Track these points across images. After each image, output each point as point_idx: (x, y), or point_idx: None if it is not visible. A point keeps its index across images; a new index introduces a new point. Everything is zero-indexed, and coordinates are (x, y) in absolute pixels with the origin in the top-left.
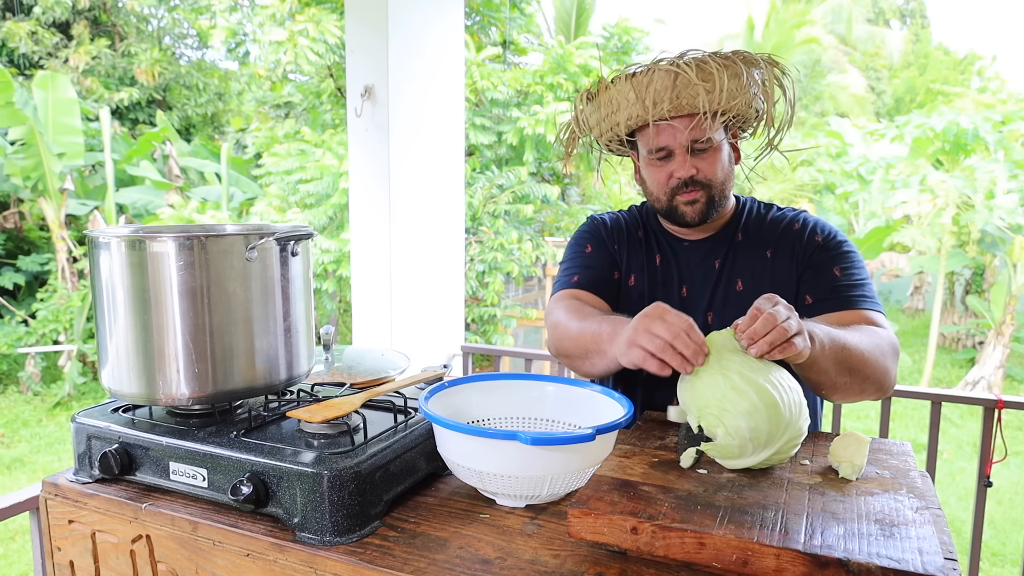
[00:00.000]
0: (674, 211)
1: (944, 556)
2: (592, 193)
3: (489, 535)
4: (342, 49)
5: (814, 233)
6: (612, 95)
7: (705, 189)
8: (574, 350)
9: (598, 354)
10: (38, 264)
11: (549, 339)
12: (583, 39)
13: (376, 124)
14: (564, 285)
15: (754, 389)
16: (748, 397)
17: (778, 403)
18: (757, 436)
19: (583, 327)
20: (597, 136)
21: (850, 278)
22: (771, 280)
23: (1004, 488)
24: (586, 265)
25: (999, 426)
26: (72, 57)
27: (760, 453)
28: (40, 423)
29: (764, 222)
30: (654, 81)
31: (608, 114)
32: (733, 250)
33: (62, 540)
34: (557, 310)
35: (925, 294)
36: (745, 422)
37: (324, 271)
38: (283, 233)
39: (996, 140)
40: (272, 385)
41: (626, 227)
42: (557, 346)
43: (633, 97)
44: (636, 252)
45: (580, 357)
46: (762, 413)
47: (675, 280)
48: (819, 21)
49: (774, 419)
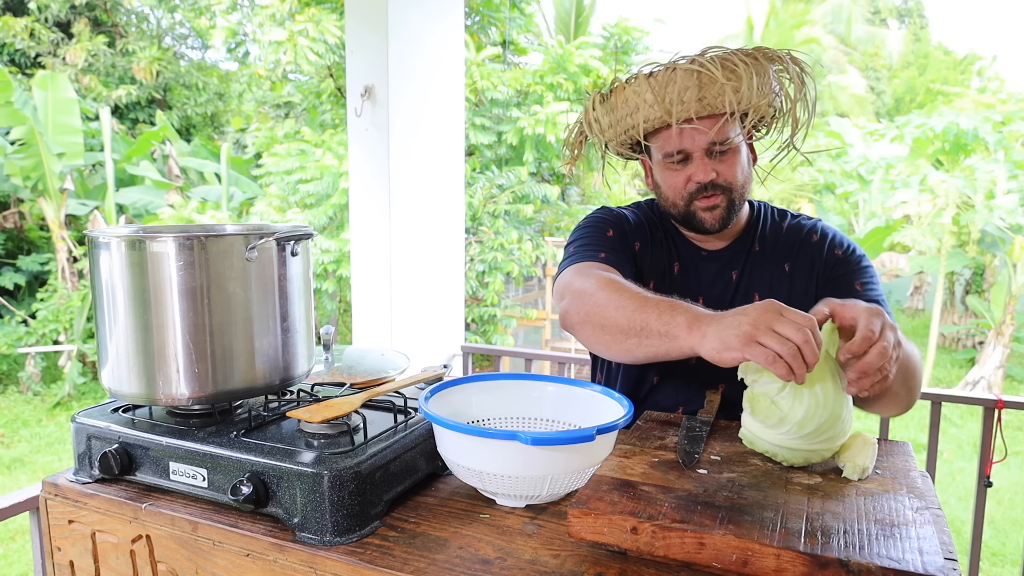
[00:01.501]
0: (692, 217)
1: (944, 556)
2: (592, 193)
3: (489, 535)
4: (342, 49)
5: (833, 246)
6: (628, 96)
7: (725, 193)
8: (624, 324)
9: (662, 337)
10: (38, 264)
11: (572, 303)
12: (583, 39)
13: (376, 124)
14: (588, 258)
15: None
16: (816, 396)
17: (842, 416)
18: (804, 424)
19: (642, 302)
20: (608, 139)
21: (870, 294)
22: (789, 294)
23: (1004, 488)
24: (612, 247)
25: (999, 426)
26: (70, 54)
27: (791, 438)
28: (40, 423)
29: (781, 232)
30: (676, 80)
31: (623, 116)
32: (751, 262)
33: (62, 540)
34: (590, 278)
35: (925, 294)
36: (803, 409)
37: (324, 271)
38: (283, 233)
39: (996, 140)
40: (272, 385)
41: (647, 226)
42: (590, 310)
43: (651, 98)
44: (658, 255)
45: (628, 334)
46: (823, 413)
47: (692, 290)
48: (819, 21)
49: (828, 421)
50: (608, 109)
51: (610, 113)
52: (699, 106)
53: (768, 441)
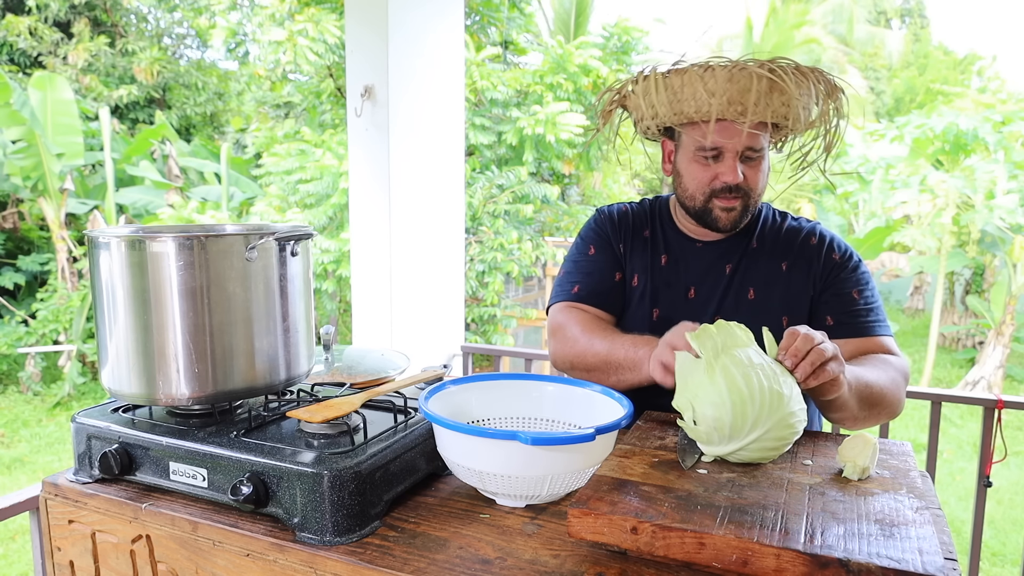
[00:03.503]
0: (708, 213)
1: (944, 556)
2: (592, 193)
3: (489, 535)
4: (342, 49)
5: (831, 251)
6: (684, 82)
7: (744, 197)
8: (602, 365)
9: (631, 370)
10: (38, 264)
11: (559, 350)
12: (583, 39)
13: (376, 124)
14: (565, 295)
15: (727, 382)
16: (718, 388)
17: (745, 399)
18: (721, 427)
19: (612, 346)
20: (640, 116)
21: (867, 301)
22: (784, 293)
23: (1004, 488)
24: (588, 272)
25: (999, 426)
26: (71, 54)
27: (728, 444)
28: (40, 423)
29: (780, 232)
30: (739, 81)
31: (672, 100)
32: (747, 257)
33: (62, 540)
34: (569, 325)
35: (925, 294)
36: (711, 411)
37: (324, 271)
38: (283, 233)
39: (996, 140)
40: (272, 385)
41: (633, 224)
42: (574, 360)
43: (703, 91)
44: (641, 252)
45: (608, 372)
46: (727, 406)
47: (682, 281)
48: (819, 21)
49: (739, 413)
50: (651, 87)
51: (656, 92)
52: (769, 112)
53: (720, 455)
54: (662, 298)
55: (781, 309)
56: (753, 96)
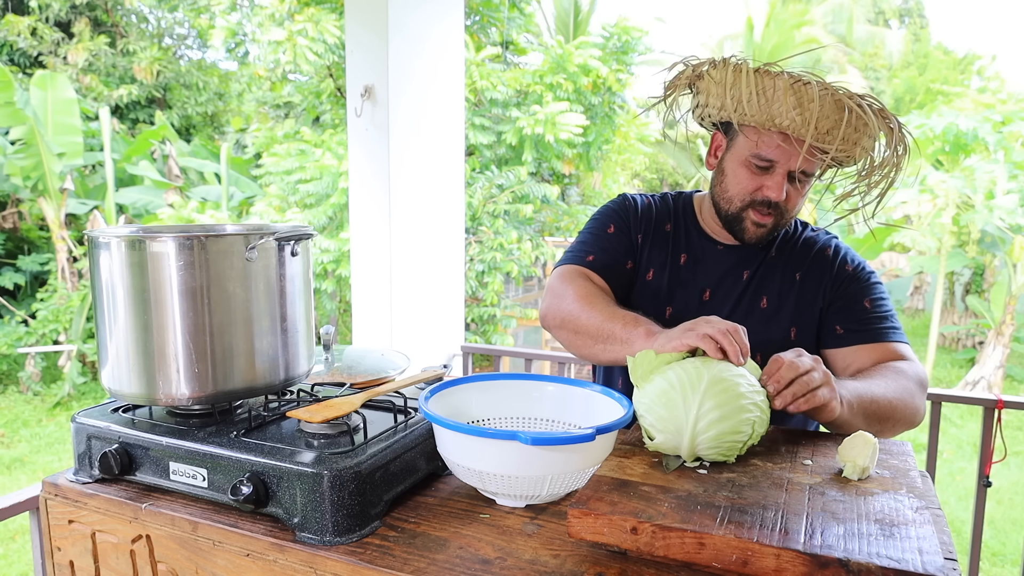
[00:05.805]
0: (739, 222)
1: (944, 556)
2: (592, 192)
3: (489, 535)
4: (342, 49)
5: (845, 263)
6: (769, 83)
7: (778, 216)
8: (593, 331)
9: (623, 343)
10: (38, 264)
11: (553, 305)
12: (582, 39)
13: (376, 124)
14: (577, 260)
15: (654, 385)
16: (647, 392)
17: (668, 388)
18: (662, 422)
19: (611, 314)
20: (705, 102)
21: (879, 310)
22: (796, 303)
23: (1004, 488)
24: (604, 248)
25: (999, 426)
26: (71, 54)
27: (683, 435)
28: (40, 423)
29: (797, 242)
30: (823, 105)
31: (753, 95)
32: (765, 265)
33: (62, 540)
34: (574, 284)
35: (925, 294)
36: (648, 416)
37: (324, 271)
38: (283, 233)
39: (996, 140)
40: (272, 385)
41: (655, 217)
42: (565, 317)
43: (785, 104)
44: (660, 247)
45: (596, 340)
46: (657, 401)
47: (698, 282)
48: (819, 21)
49: (666, 401)
50: (757, 87)
51: (756, 90)
52: (830, 139)
53: (681, 454)
54: (677, 297)
55: (791, 320)
56: (843, 127)
